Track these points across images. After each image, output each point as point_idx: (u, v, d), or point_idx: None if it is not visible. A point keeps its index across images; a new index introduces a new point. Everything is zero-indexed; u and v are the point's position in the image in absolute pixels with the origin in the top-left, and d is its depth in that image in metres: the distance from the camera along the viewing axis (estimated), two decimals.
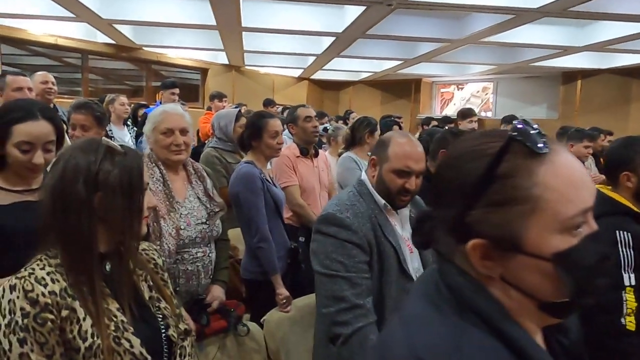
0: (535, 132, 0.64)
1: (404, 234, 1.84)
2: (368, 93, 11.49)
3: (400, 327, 0.68)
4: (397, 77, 10.41)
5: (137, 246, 1.17)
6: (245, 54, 8.18)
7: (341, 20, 5.73)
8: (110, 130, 4.33)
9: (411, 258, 1.82)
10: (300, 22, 5.92)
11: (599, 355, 1.72)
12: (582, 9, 4.56)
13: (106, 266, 1.11)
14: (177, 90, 5.06)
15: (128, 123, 4.86)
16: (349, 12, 5.48)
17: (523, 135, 0.63)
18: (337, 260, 1.62)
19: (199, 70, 9.28)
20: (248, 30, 6.05)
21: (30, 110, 1.51)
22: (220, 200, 2.07)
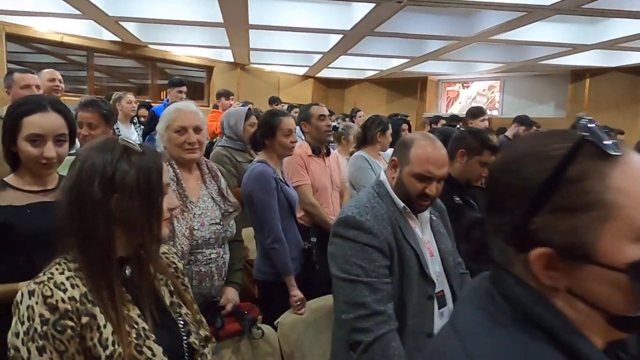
0: (605, 132, 0.59)
1: (425, 237, 1.80)
2: (373, 91, 11.42)
3: (455, 337, 0.64)
4: (403, 75, 10.34)
5: (158, 250, 1.12)
6: (251, 52, 8.13)
7: (349, 17, 5.68)
8: (117, 128, 4.28)
9: (432, 262, 1.78)
10: (307, 20, 5.86)
11: None
12: (596, 6, 4.49)
13: (126, 270, 1.06)
14: (185, 88, 5.02)
15: (135, 121, 4.82)
16: (358, 10, 5.42)
17: (595, 135, 0.58)
18: (357, 264, 1.57)
19: (204, 68, 9.24)
20: (255, 27, 6.01)
21: (39, 102, 1.47)
22: (234, 200, 2.03)
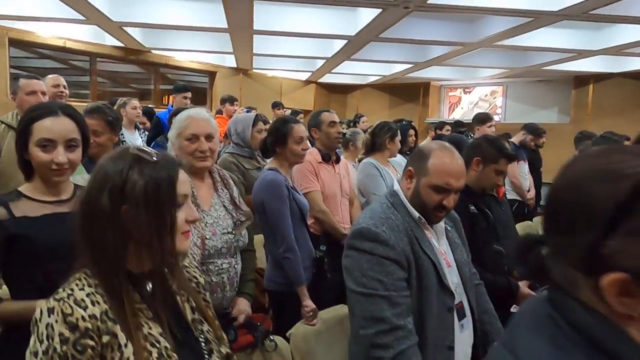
0: None
1: (441, 248, 1.76)
2: (376, 97, 11.39)
3: None
4: (406, 81, 10.31)
5: (179, 264, 1.08)
6: (254, 57, 8.11)
7: (354, 23, 5.65)
8: (121, 134, 4.25)
9: (450, 272, 1.74)
10: (312, 25, 5.84)
11: None
12: (603, 12, 4.47)
13: (147, 287, 1.02)
14: (190, 94, 5.01)
15: (139, 127, 4.79)
16: (363, 15, 5.39)
17: None
18: (374, 278, 1.53)
19: (207, 73, 9.21)
20: (259, 33, 5.98)
21: (50, 107, 1.45)
22: (246, 208, 1.99)
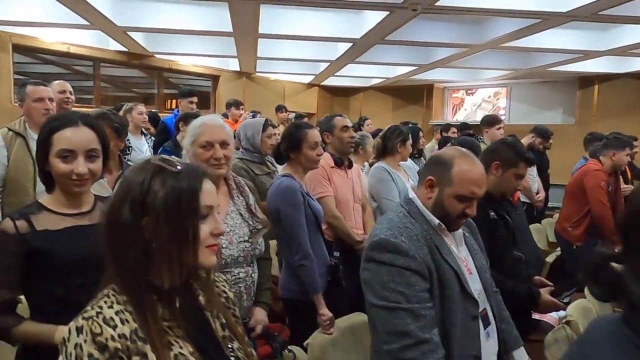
0: None
1: (461, 254, 1.72)
2: (379, 99, 11.36)
3: None
4: (409, 83, 10.28)
5: (208, 279, 1.04)
6: (257, 61, 8.08)
7: (359, 26, 5.62)
8: (127, 140, 4.21)
9: (472, 280, 1.69)
10: (317, 29, 5.80)
11: None
12: (611, 13, 4.43)
13: (176, 303, 0.98)
14: (195, 98, 4.97)
15: (145, 132, 4.75)
16: (368, 18, 5.36)
17: None
18: (396, 290, 1.48)
19: (210, 77, 9.19)
20: (264, 36, 5.95)
21: (70, 117, 1.42)
22: (262, 216, 1.95)
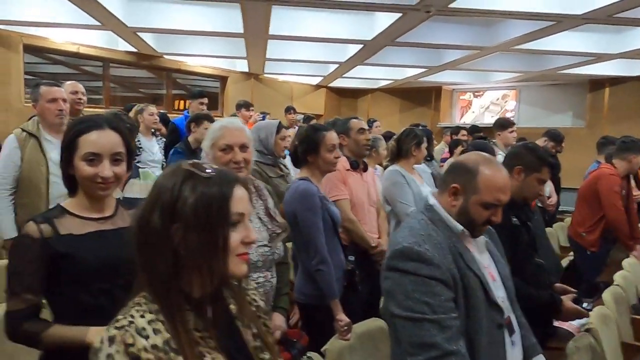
0: None
1: (484, 261, 1.69)
2: (387, 101, 11.33)
3: None
4: (417, 85, 10.25)
5: (241, 288, 1.01)
6: (266, 62, 8.07)
7: (371, 27, 5.60)
8: (138, 141, 4.20)
9: (495, 287, 1.66)
10: (327, 30, 5.79)
11: None
12: (627, 15, 4.39)
13: (208, 312, 0.96)
14: (206, 99, 4.95)
15: (156, 133, 4.73)
16: (380, 20, 5.34)
17: None
18: (421, 300, 1.43)
19: (218, 78, 9.19)
20: (274, 38, 5.94)
21: (95, 120, 1.39)
22: (282, 220, 1.93)
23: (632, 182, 4.51)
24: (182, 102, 8.87)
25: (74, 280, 1.31)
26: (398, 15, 4.64)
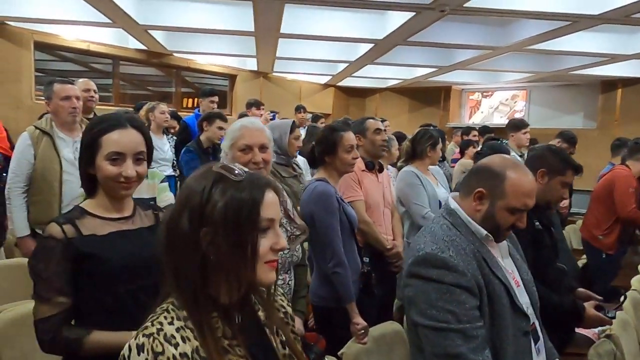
0: None
1: (507, 266, 1.65)
2: (395, 100, 11.26)
3: None
4: (427, 84, 10.19)
5: (269, 295, 0.99)
6: (275, 60, 8.04)
7: (382, 26, 5.55)
8: None
9: (520, 293, 1.62)
10: (339, 29, 5.75)
11: None
12: None
13: (236, 319, 0.93)
14: (217, 98, 4.95)
15: (167, 132, 4.72)
16: (392, 19, 5.29)
17: None
18: (446, 309, 1.40)
19: (227, 76, 9.17)
20: (285, 36, 5.91)
21: (117, 119, 1.37)
22: (301, 222, 1.91)
23: None
24: (191, 100, 8.87)
25: (99, 281, 1.29)
26: (411, 14, 4.60)
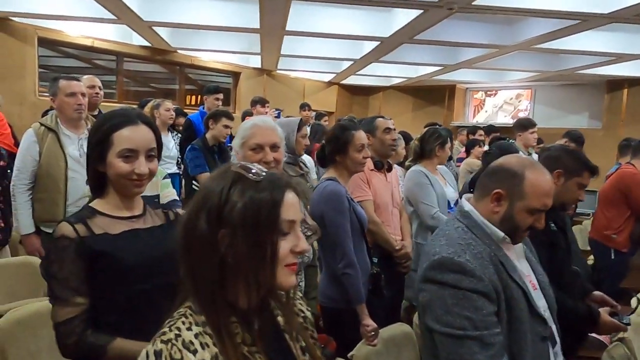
0: None
1: (523, 269, 1.61)
2: (399, 99, 11.21)
3: None
4: (431, 83, 10.14)
5: (288, 300, 0.95)
6: (280, 58, 8.00)
7: (389, 24, 5.51)
8: None
9: (537, 296, 1.59)
10: (344, 27, 5.71)
11: None
12: None
13: (255, 324, 0.90)
14: (222, 95, 4.91)
15: (171, 129, 4.69)
16: (398, 17, 5.25)
17: None
18: (462, 315, 1.36)
19: (231, 74, 9.13)
20: (291, 34, 5.87)
21: (128, 115, 1.34)
22: (312, 222, 1.87)
23: None
24: (194, 98, 8.84)
25: (112, 281, 1.26)
26: (419, 12, 4.55)
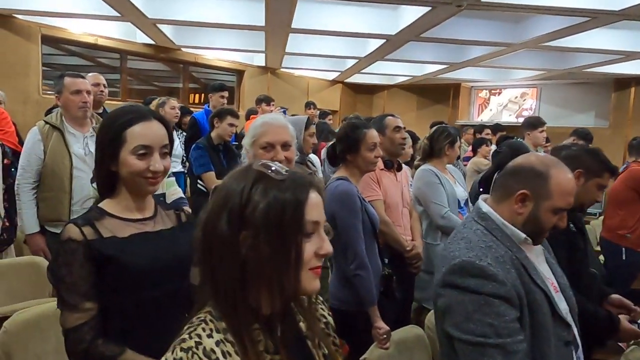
0: None
1: (544, 272, 1.56)
2: (403, 97, 11.16)
3: None
4: (435, 82, 10.08)
5: (310, 305, 0.91)
6: (284, 56, 7.95)
7: (395, 22, 5.46)
8: None
9: (559, 299, 1.54)
10: (350, 24, 5.67)
11: None
12: None
13: (277, 330, 0.85)
14: (227, 93, 4.87)
15: (176, 127, 4.65)
16: (405, 14, 5.20)
17: None
18: (484, 322, 1.31)
19: (235, 72, 9.09)
20: (296, 31, 5.83)
21: (140, 111, 1.30)
22: (325, 222, 1.82)
23: None
24: (197, 96, 8.80)
25: (120, 286, 1.21)
26: (426, 9, 4.50)
